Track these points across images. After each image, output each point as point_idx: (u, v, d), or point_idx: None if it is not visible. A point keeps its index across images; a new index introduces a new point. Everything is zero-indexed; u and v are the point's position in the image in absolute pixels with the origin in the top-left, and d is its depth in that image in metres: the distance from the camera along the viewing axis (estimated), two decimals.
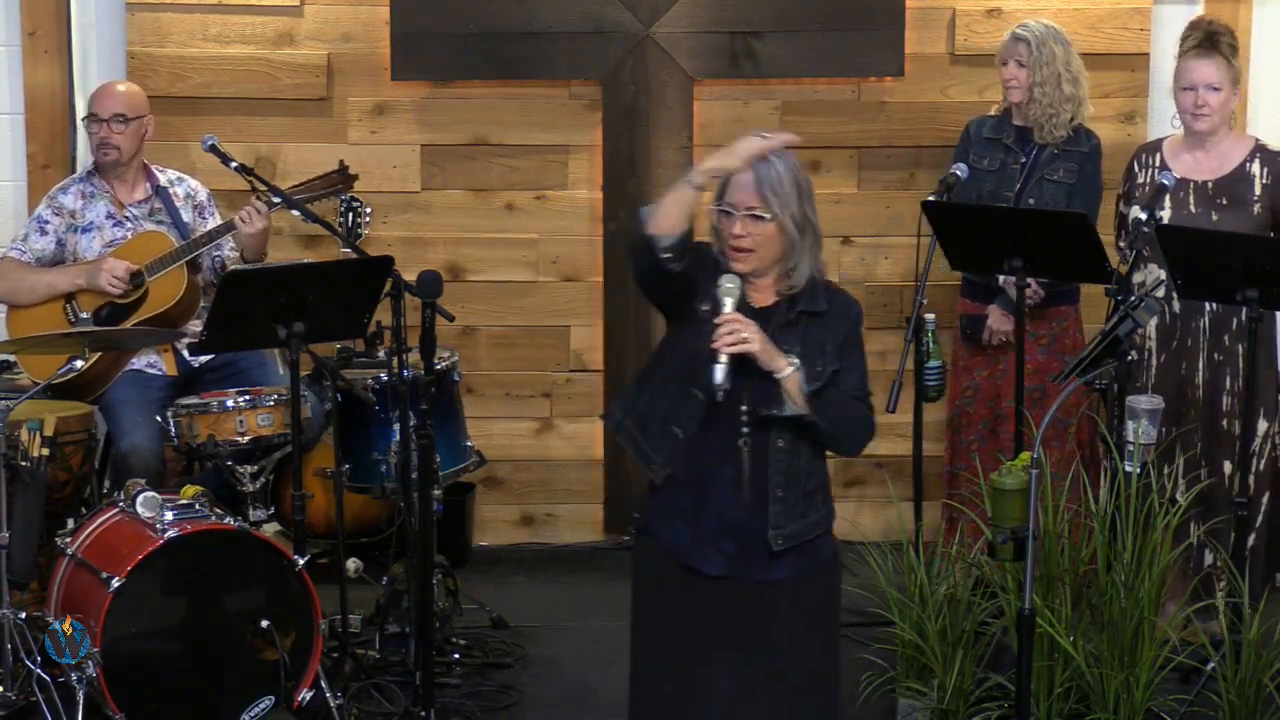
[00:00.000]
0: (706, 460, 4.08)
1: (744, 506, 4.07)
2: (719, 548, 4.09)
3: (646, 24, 6.68)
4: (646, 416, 4.14)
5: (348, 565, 5.92)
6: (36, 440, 5.36)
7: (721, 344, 3.95)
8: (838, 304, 4.17)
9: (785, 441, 4.07)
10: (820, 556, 4.18)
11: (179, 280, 5.98)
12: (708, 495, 4.09)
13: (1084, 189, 6.04)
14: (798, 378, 4.03)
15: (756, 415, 4.05)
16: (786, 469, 4.08)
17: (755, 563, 4.09)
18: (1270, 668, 5.04)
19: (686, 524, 4.11)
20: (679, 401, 4.08)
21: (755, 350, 3.98)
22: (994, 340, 6.12)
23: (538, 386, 6.92)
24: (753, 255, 4.06)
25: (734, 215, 4.05)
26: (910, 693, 5.24)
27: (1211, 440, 5.74)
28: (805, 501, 4.12)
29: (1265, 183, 5.72)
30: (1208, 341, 5.73)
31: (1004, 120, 6.17)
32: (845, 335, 4.14)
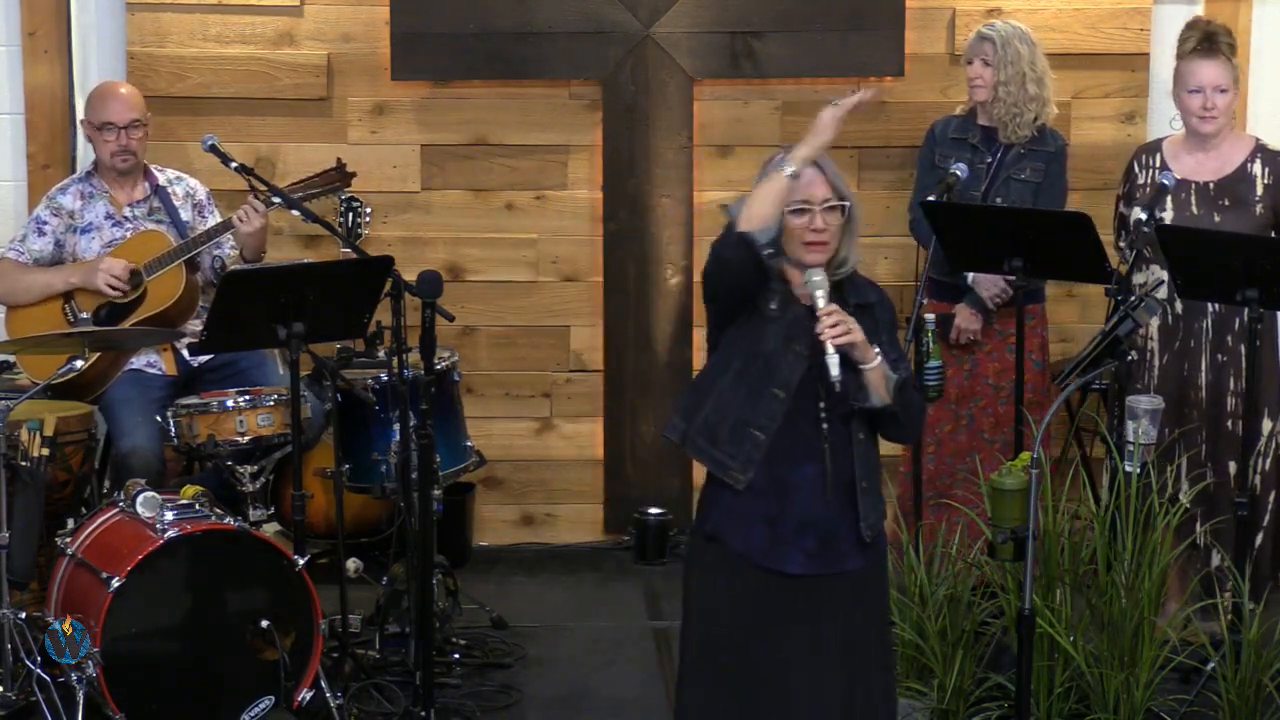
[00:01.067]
0: (786, 461, 4.06)
1: (828, 504, 4.07)
2: (800, 546, 4.08)
3: (646, 24, 6.68)
4: (715, 424, 4.09)
5: (348, 565, 5.92)
6: (36, 440, 5.35)
7: (828, 336, 3.94)
8: (879, 295, 4.22)
9: (864, 434, 4.11)
10: (883, 544, 4.24)
11: (177, 279, 5.98)
12: (789, 496, 4.07)
13: (1050, 188, 6.06)
14: (884, 369, 4.05)
15: (840, 409, 4.04)
16: (866, 461, 4.12)
17: (837, 557, 4.10)
18: (1270, 668, 5.04)
19: (764, 526, 4.08)
20: (756, 403, 4.05)
21: (859, 340, 3.99)
22: (962, 339, 6.12)
23: (538, 386, 6.92)
24: (829, 246, 4.08)
25: (810, 210, 4.05)
26: (910, 693, 5.24)
27: (1216, 440, 5.74)
28: (879, 490, 4.19)
29: (1267, 183, 5.71)
30: (1210, 342, 5.73)
31: (969, 120, 6.17)
32: (891, 325, 4.19)
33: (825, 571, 4.10)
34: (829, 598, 4.11)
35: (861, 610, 4.16)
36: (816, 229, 4.05)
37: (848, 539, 4.10)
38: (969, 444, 6.13)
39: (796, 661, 4.10)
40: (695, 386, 4.22)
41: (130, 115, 6.07)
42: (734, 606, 4.12)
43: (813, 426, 4.05)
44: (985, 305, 6.05)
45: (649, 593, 6.44)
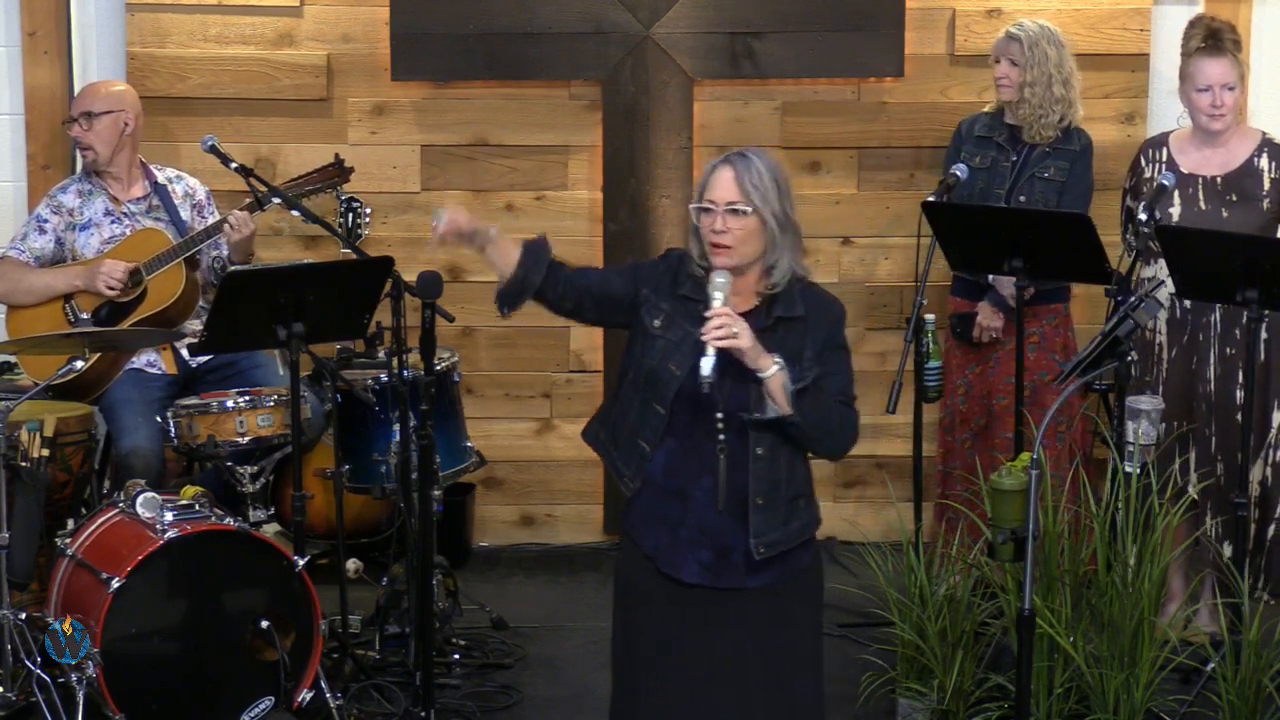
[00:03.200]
0: (687, 469, 4.06)
1: (721, 515, 4.04)
2: (696, 557, 4.07)
3: (646, 24, 6.68)
4: (617, 429, 4.14)
5: (348, 566, 5.93)
6: (36, 441, 5.36)
7: (711, 337, 3.91)
8: (817, 306, 4.12)
9: (764, 448, 4.03)
10: (800, 564, 4.14)
11: (178, 278, 5.98)
12: (688, 504, 4.06)
13: (1074, 187, 6.05)
14: (782, 377, 3.98)
15: (735, 421, 4.01)
16: (767, 476, 4.04)
17: (732, 571, 4.07)
18: (1270, 668, 5.04)
19: (667, 531, 4.09)
20: (643, 416, 4.07)
21: (744, 346, 3.94)
22: (984, 337, 6.13)
23: (538, 387, 6.92)
24: (733, 251, 4.03)
25: (714, 211, 4.04)
26: (910, 693, 5.24)
27: (1224, 436, 5.74)
28: (787, 509, 4.09)
29: (1274, 177, 5.71)
30: (1219, 337, 5.73)
31: (996, 118, 6.18)
32: (826, 339, 4.10)
33: (720, 585, 4.07)
34: (723, 613, 4.09)
35: (767, 633, 4.11)
36: (716, 230, 4.03)
37: (742, 555, 4.05)
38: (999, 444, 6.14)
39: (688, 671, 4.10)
40: (613, 396, 4.23)
41: (81, 107, 6.08)
42: (641, 605, 4.17)
43: (711, 439, 4.02)
44: (1006, 303, 6.05)
45: None
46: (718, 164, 4.10)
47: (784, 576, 4.11)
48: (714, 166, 4.10)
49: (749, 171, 4.05)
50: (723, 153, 6.68)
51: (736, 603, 4.09)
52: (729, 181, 4.05)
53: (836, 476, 6.89)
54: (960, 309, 6.20)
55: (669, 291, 4.11)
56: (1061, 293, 6.15)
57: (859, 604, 5.77)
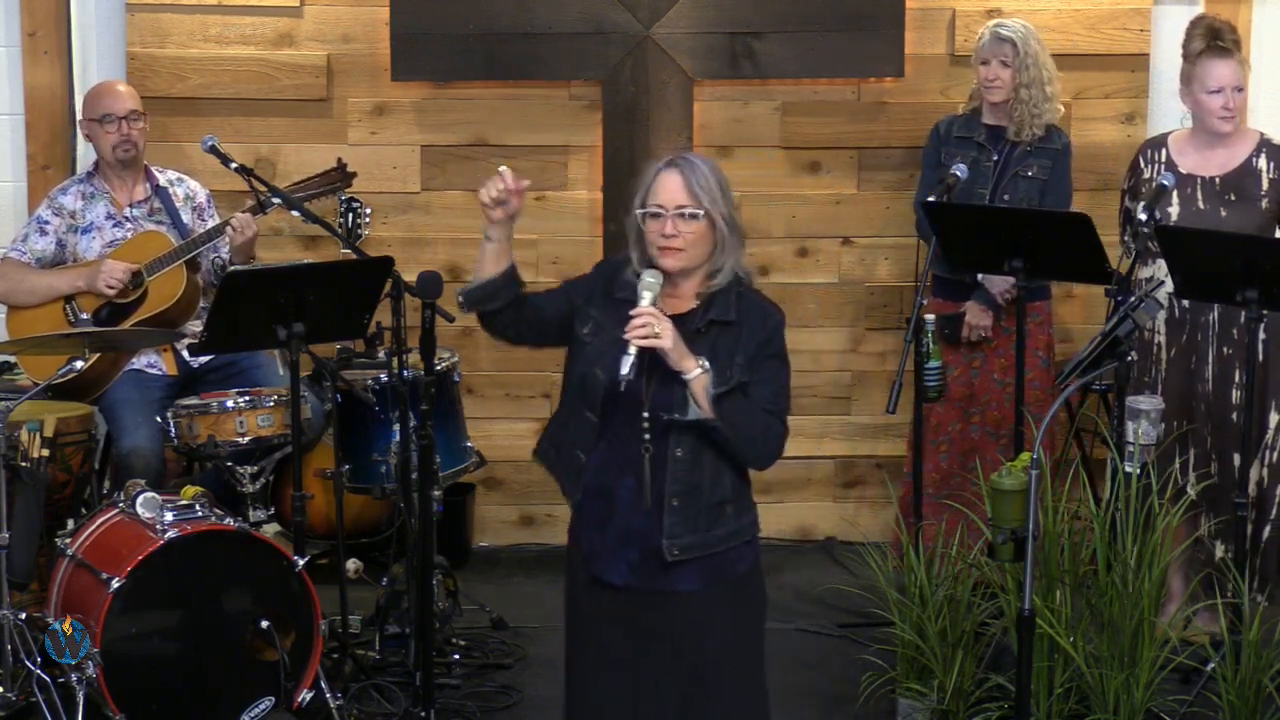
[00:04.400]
0: (612, 469, 4.05)
1: (644, 515, 4.03)
2: (624, 557, 4.06)
3: (646, 24, 6.68)
4: (557, 441, 4.16)
5: (348, 566, 5.92)
6: (36, 441, 5.36)
7: (632, 335, 3.90)
8: (752, 313, 4.08)
9: (684, 451, 4.01)
10: (735, 570, 4.11)
11: (178, 279, 5.98)
12: (615, 504, 4.05)
13: (1056, 186, 6.08)
14: (705, 380, 3.96)
15: (659, 422, 4.00)
16: (685, 479, 4.02)
17: (654, 573, 4.05)
18: (1270, 668, 5.04)
19: (597, 533, 4.09)
20: (578, 424, 4.08)
21: (666, 346, 3.92)
22: (973, 336, 6.12)
23: (538, 387, 6.92)
24: (684, 254, 4.02)
25: (664, 215, 4.02)
26: (910, 693, 5.24)
27: (1221, 435, 5.74)
28: (709, 514, 4.05)
29: (1272, 177, 5.71)
30: (1217, 336, 5.73)
31: (973, 119, 6.18)
32: (759, 346, 4.06)
33: (647, 587, 4.06)
34: (652, 617, 4.07)
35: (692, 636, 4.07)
36: (666, 234, 4.01)
37: (659, 556, 4.03)
38: (980, 441, 6.14)
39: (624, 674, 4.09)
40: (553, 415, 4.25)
41: (129, 106, 6.09)
42: (577, 605, 4.19)
43: (636, 439, 4.02)
44: (995, 302, 6.06)
45: None
46: (660, 168, 4.07)
47: (713, 581, 4.07)
48: (657, 171, 4.07)
49: (695, 174, 4.03)
50: (724, 153, 6.81)
51: (665, 606, 4.07)
52: (677, 185, 4.02)
53: (836, 476, 6.90)
54: (943, 310, 6.17)
55: (601, 299, 4.12)
56: (1044, 290, 6.16)
57: (859, 604, 5.77)
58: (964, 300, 6.15)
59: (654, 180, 4.06)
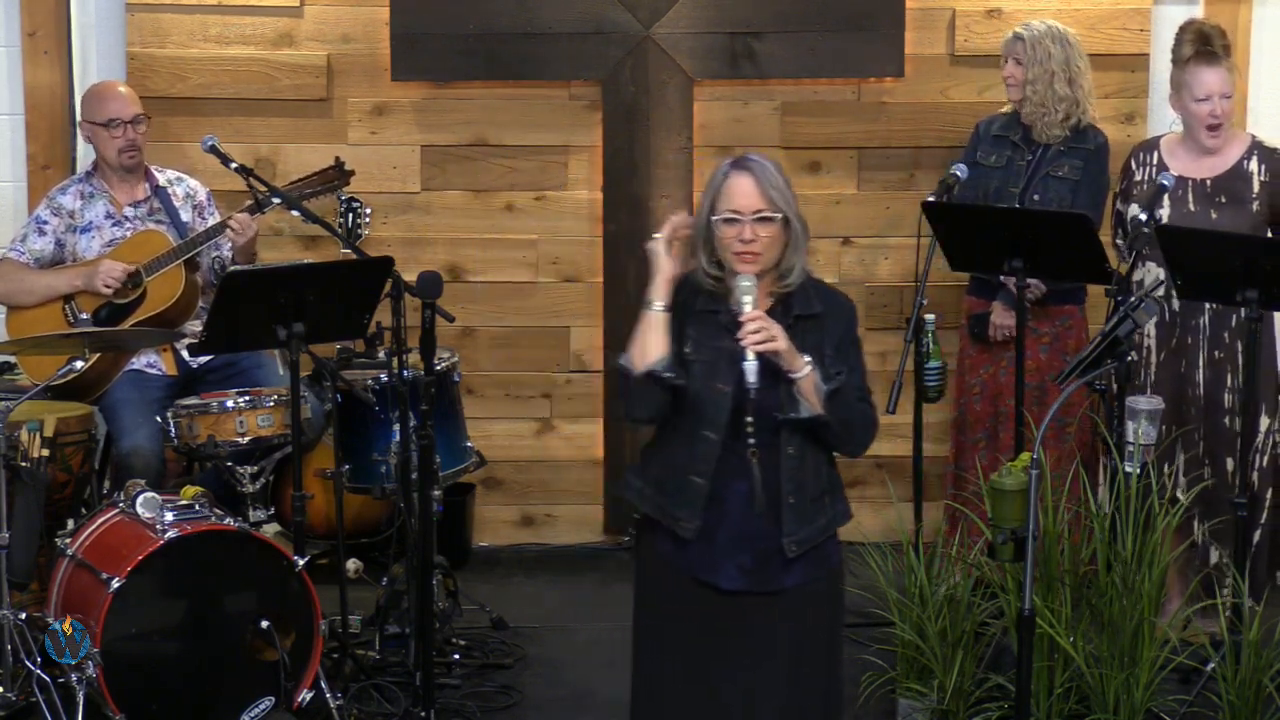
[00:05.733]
0: (720, 477, 4.03)
1: (758, 518, 4.03)
2: (735, 562, 4.06)
3: (646, 24, 6.68)
4: (663, 475, 4.11)
5: (348, 566, 5.93)
6: (36, 441, 5.36)
7: (749, 342, 3.90)
8: (832, 304, 4.13)
9: (795, 448, 4.04)
10: (830, 563, 4.15)
11: (177, 279, 5.98)
12: (723, 512, 4.04)
13: (1088, 186, 6.05)
14: (814, 377, 3.99)
15: (766, 423, 4.00)
16: (797, 476, 4.04)
17: (771, 573, 4.06)
18: (1270, 668, 5.04)
19: (701, 542, 4.06)
20: (692, 449, 4.04)
21: (782, 348, 3.94)
22: (997, 336, 6.13)
23: (538, 387, 6.91)
24: (760, 257, 4.01)
25: (741, 221, 4.00)
26: (910, 693, 5.24)
27: (1213, 438, 5.74)
28: (814, 506, 4.09)
29: (1263, 180, 5.72)
30: (1207, 340, 5.73)
31: (1013, 118, 6.18)
32: (842, 335, 4.10)
33: (760, 589, 4.07)
34: (765, 616, 4.09)
35: (800, 630, 4.12)
36: (745, 239, 4.00)
37: (780, 555, 4.05)
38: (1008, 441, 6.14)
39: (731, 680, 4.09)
40: (647, 443, 4.22)
41: (134, 110, 6.09)
42: (672, 621, 4.13)
43: (741, 441, 4.02)
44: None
45: None
46: (730, 171, 4.05)
47: (816, 574, 4.12)
48: (726, 174, 4.05)
49: (768, 176, 4.02)
50: (724, 153, 6.80)
51: (775, 604, 4.09)
52: (752, 189, 4.01)
53: None
54: (976, 308, 6.20)
55: (687, 314, 4.07)
56: (1077, 294, 6.14)
57: (859, 604, 5.76)
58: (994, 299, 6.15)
59: (724, 184, 4.04)
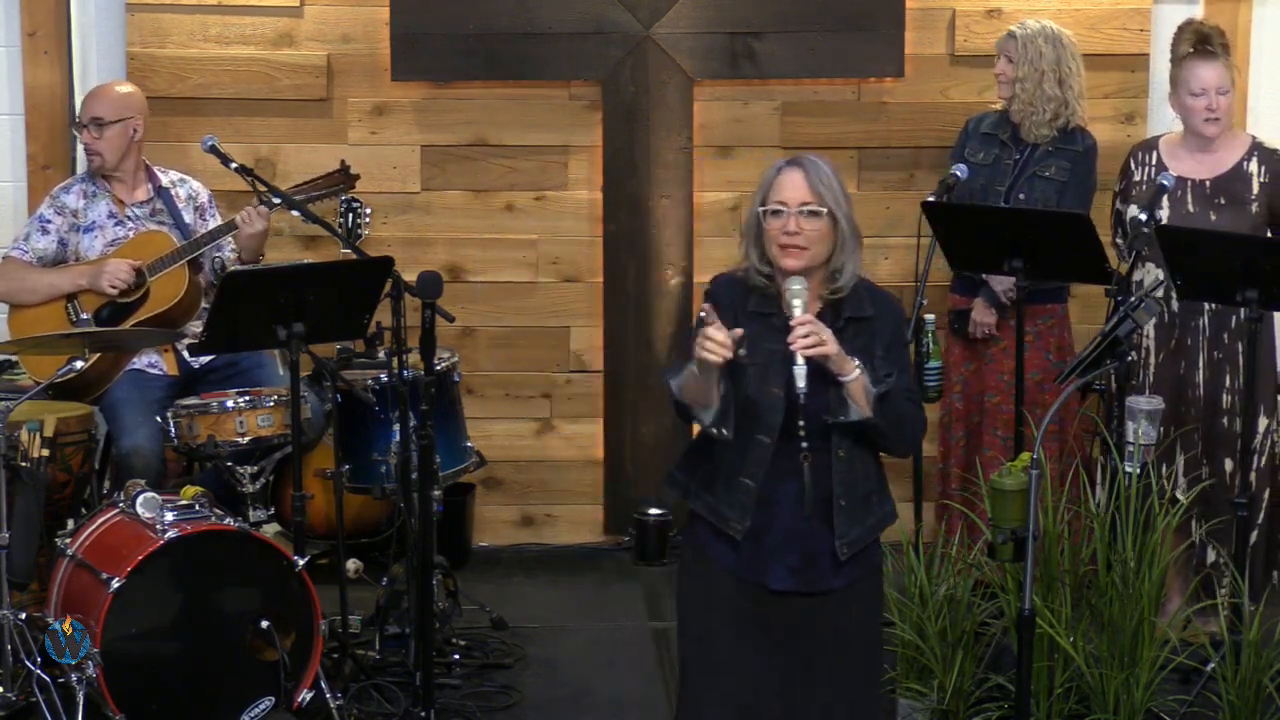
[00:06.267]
0: (770, 478, 4.04)
1: (808, 519, 4.05)
2: (784, 563, 4.08)
3: (646, 24, 6.68)
4: (710, 476, 4.11)
5: (348, 566, 5.92)
6: (36, 441, 5.36)
7: (799, 346, 3.89)
8: (883, 306, 4.14)
9: (845, 450, 4.05)
10: (874, 561, 4.20)
11: (180, 280, 5.98)
12: (772, 513, 4.06)
13: (1075, 187, 6.06)
14: (864, 380, 3.99)
15: (817, 425, 4.00)
16: (847, 478, 4.06)
17: (820, 574, 4.09)
18: (1270, 668, 5.04)
19: (751, 542, 4.08)
20: (745, 452, 4.04)
21: (832, 352, 3.94)
22: (978, 333, 6.13)
23: (538, 387, 6.92)
24: (805, 252, 4.02)
25: (786, 213, 4.02)
26: (910, 693, 5.24)
27: (1212, 439, 5.74)
28: (863, 506, 4.11)
29: (1263, 181, 5.72)
30: (1207, 340, 5.73)
31: (1003, 116, 6.19)
32: (892, 337, 4.12)
33: (808, 589, 4.09)
34: (811, 616, 4.12)
35: (845, 629, 4.15)
36: (790, 232, 4.01)
37: (828, 557, 4.08)
38: (987, 440, 6.15)
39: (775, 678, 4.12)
40: (694, 441, 4.21)
41: (91, 113, 6.05)
42: (719, 620, 4.14)
43: (793, 444, 4.02)
44: (999, 300, 6.06)
45: (649, 593, 6.44)
46: (783, 166, 4.07)
47: (863, 574, 4.15)
48: (778, 169, 4.07)
49: (818, 172, 4.04)
50: (724, 153, 6.81)
51: (823, 605, 4.11)
52: (800, 182, 4.03)
53: None
54: (958, 305, 6.21)
55: (740, 316, 4.05)
56: (1059, 293, 6.15)
57: None
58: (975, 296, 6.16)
59: (775, 178, 4.06)
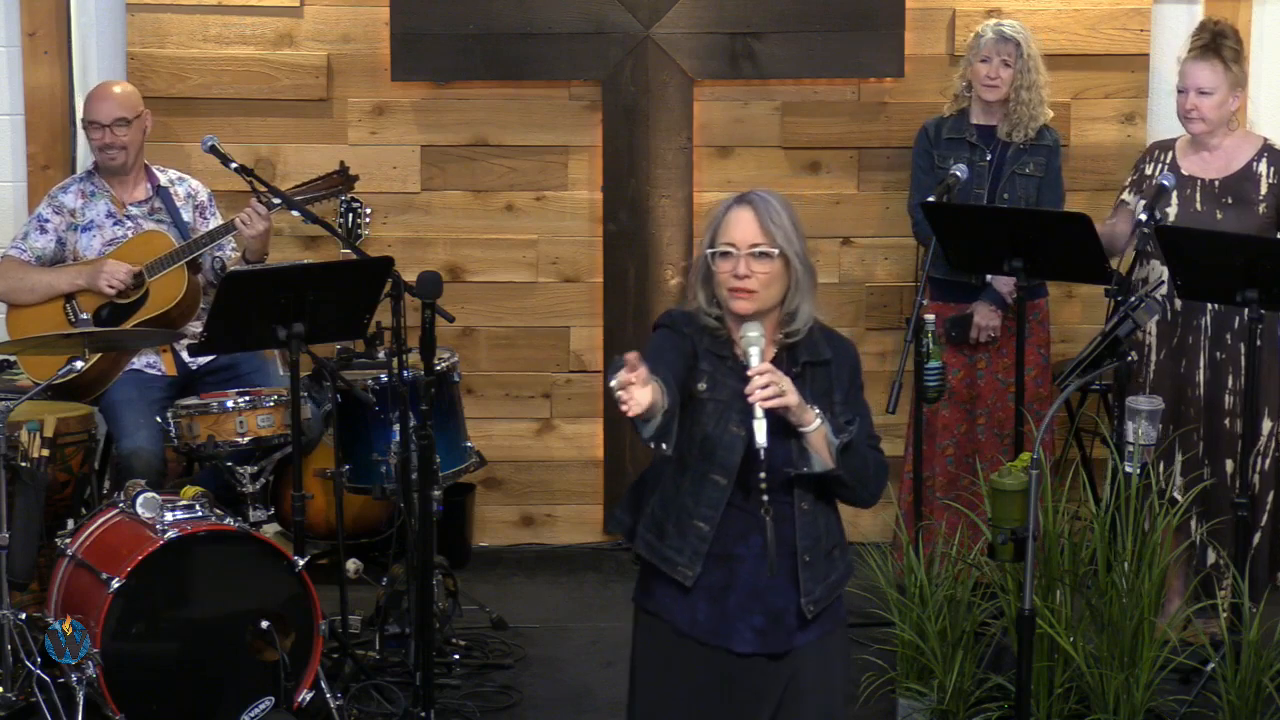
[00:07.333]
0: (732, 533, 3.81)
1: (772, 577, 3.78)
2: (749, 623, 3.83)
3: (646, 24, 6.68)
4: (661, 518, 3.86)
5: (348, 566, 5.92)
6: (36, 441, 5.36)
7: (758, 398, 3.62)
8: (839, 349, 3.91)
9: (808, 504, 3.84)
10: (838, 616, 3.95)
11: (180, 281, 5.98)
12: (734, 570, 3.82)
13: (1052, 183, 6.11)
14: (825, 430, 3.76)
15: (779, 478, 3.75)
16: (811, 531, 3.84)
17: (786, 634, 3.86)
18: (1270, 668, 5.04)
19: (708, 602, 3.84)
20: (698, 492, 3.80)
21: (792, 403, 3.68)
22: (982, 337, 6.12)
23: (538, 387, 6.92)
24: (756, 296, 3.77)
25: (736, 255, 3.77)
26: (910, 693, 5.24)
27: (1212, 439, 5.74)
28: (827, 562, 3.89)
29: (1271, 182, 5.72)
30: (1209, 340, 5.73)
31: (963, 119, 6.18)
32: (850, 381, 3.90)
33: (775, 650, 3.85)
34: (777, 677, 3.87)
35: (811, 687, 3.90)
36: (740, 275, 3.76)
37: (793, 615, 3.84)
38: (985, 443, 6.14)
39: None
40: (641, 478, 3.96)
41: (115, 114, 6.05)
42: (677, 689, 3.89)
43: (754, 497, 3.70)
44: (1004, 302, 6.06)
45: None
46: (731, 205, 3.82)
47: (827, 630, 3.92)
48: (727, 207, 3.83)
49: (769, 210, 3.79)
50: (724, 153, 6.80)
51: (787, 665, 3.88)
52: (750, 222, 3.78)
53: None
54: (940, 312, 6.14)
55: (699, 347, 3.82)
56: (1041, 288, 6.17)
57: (859, 604, 5.76)
58: (962, 301, 6.15)
59: (724, 217, 3.81)
